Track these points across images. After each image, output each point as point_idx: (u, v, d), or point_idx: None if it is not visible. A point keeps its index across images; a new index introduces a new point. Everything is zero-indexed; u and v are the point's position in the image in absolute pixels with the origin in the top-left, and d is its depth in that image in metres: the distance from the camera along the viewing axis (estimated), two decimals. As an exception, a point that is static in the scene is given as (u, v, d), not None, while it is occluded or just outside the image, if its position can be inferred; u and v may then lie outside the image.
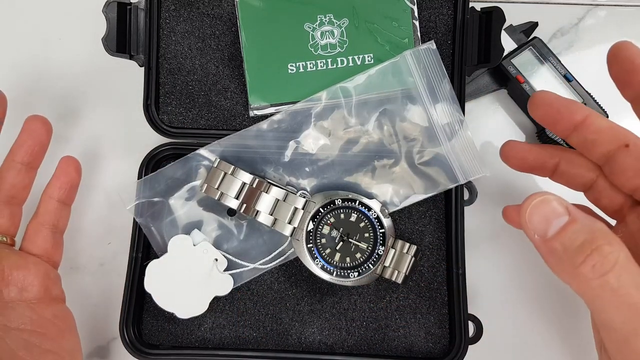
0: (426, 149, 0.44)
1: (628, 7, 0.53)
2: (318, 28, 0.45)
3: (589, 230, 0.29)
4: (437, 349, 0.45)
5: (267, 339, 0.45)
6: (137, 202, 0.44)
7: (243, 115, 0.46)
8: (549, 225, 0.30)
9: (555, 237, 0.30)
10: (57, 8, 0.52)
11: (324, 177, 0.45)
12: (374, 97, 0.44)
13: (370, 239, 0.42)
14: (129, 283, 0.44)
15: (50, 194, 0.43)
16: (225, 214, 0.45)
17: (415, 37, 0.45)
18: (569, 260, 0.29)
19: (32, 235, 0.42)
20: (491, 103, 0.51)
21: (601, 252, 0.28)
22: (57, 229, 0.43)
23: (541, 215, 0.30)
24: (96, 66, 0.51)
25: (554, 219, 0.30)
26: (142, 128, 0.45)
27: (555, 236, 0.30)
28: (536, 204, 0.30)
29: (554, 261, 0.30)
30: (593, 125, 0.37)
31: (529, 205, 0.30)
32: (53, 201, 0.42)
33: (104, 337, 0.47)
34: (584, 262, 0.28)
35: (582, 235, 0.29)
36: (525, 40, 0.50)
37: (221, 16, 0.46)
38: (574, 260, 0.29)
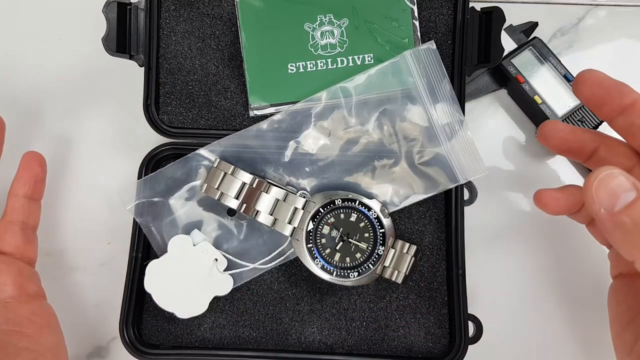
0: (426, 149, 0.44)
1: (628, 7, 0.53)
2: (318, 28, 0.45)
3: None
4: (437, 349, 0.45)
5: (267, 338, 0.45)
6: (137, 202, 0.44)
7: (243, 115, 0.46)
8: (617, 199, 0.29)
9: (623, 211, 0.29)
10: (57, 8, 0.52)
11: (324, 177, 0.45)
12: (374, 97, 0.44)
13: (370, 239, 0.42)
14: (129, 283, 0.44)
15: (16, 191, 0.42)
16: (225, 214, 0.45)
17: (415, 37, 0.45)
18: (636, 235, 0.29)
19: (1, 234, 0.41)
20: (491, 103, 0.51)
21: None
22: (27, 226, 0.42)
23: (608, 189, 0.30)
24: (96, 66, 0.51)
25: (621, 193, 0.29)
26: (142, 128, 0.45)
27: (624, 210, 0.29)
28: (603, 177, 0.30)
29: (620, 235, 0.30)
30: None
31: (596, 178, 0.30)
32: (19, 198, 0.42)
33: (104, 337, 0.47)
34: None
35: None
36: (525, 40, 0.50)
37: (221, 16, 0.46)
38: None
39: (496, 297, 0.47)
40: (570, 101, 0.49)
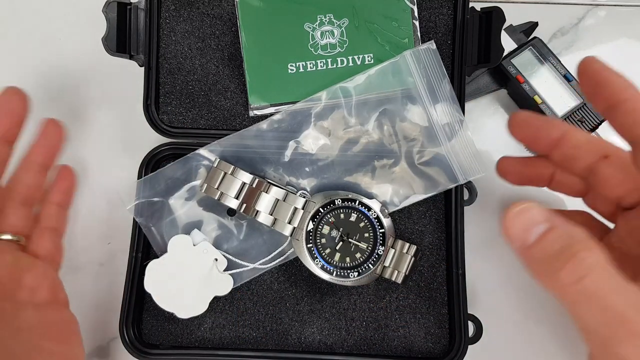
0: (426, 149, 0.44)
1: (628, 7, 0.53)
2: (318, 28, 0.45)
3: (567, 236, 0.30)
4: (436, 349, 0.45)
5: (267, 338, 0.45)
6: (137, 202, 0.44)
7: (243, 115, 0.46)
8: (529, 234, 0.30)
9: (534, 245, 0.30)
10: (57, 8, 0.52)
11: (324, 177, 0.45)
12: (374, 97, 0.44)
13: (370, 239, 0.42)
14: (128, 283, 0.44)
15: (51, 198, 0.43)
16: (225, 213, 0.45)
17: (415, 37, 0.45)
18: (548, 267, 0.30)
19: (36, 238, 0.42)
20: (491, 103, 0.51)
21: (578, 257, 0.29)
22: (58, 233, 0.43)
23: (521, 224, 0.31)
24: (96, 66, 0.51)
25: (533, 227, 0.30)
26: (142, 128, 0.45)
27: (535, 244, 0.30)
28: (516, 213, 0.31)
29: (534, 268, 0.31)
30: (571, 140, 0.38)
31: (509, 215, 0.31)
32: (54, 206, 0.43)
33: (104, 337, 0.47)
34: (562, 268, 0.29)
35: (560, 241, 0.29)
36: (525, 40, 0.50)
37: (221, 16, 0.46)
38: (553, 266, 0.29)
39: (496, 297, 0.47)
40: (570, 101, 0.49)
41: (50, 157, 0.42)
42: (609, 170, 0.37)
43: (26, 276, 0.39)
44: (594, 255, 0.29)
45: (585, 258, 0.28)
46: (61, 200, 0.44)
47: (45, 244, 0.42)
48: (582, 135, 0.38)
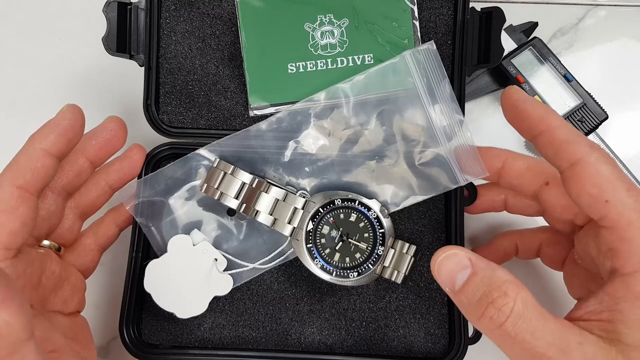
0: (426, 149, 0.44)
1: (628, 7, 0.53)
2: (318, 28, 0.45)
3: (488, 282, 0.31)
4: (436, 349, 0.45)
5: (267, 338, 0.45)
6: (137, 201, 0.44)
7: (243, 115, 0.46)
8: (455, 279, 0.32)
9: (460, 291, 0.32)
10: (57, 8, 0.52)
11: (324, 177, 0.45)
12: (374, 97, 0.44)
13: (369, 239, 0.42)
14: (128, 283, 0.44)
15: (117, 221, 0.44)
16: (224, 213, 0.45)
17: (415, 38, 0.45)
18: (472, 312, 0.31)
19: (83, 251, 0.42)
20: (491, 103, 0.52)
21: (496, 304, 0.30)
22: (103, 250, 0.44)
23: (447, 270, 0.32)
24: (96, 66, 0.51)
25: (458, 273, 0.32)
26: (142, 128, 0.45)
27: (461, 290, 0.32)
28: (442, 260, 0.32)
29: (463, 312, 0.33)
30: (512, 169, 0.40)
31: (437, 261, 0.32)
32: (116, 228, 0.44)
33: (104, 337, 0.47)
34: (483, 315, 0.30)
35: (481, 288, 0.31)
36: (525, 40, 0.50)
37: (221, 16, 0.46)
38: (476, 312, 0.31)
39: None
40: (570, 101, 0.49)
41: (123, 181, 0.43)
42: (551, 196, 0.39)
43: (65, 287, 0.39)
44: (510, 300, 0.30)
45: (503, 305, 0.30)
46: (122, 224, 0.44)
47: (88, 260, 0.42)
48: (522, 162, 0.40)
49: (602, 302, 0.31)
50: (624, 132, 0.52)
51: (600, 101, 0.49)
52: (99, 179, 0.42)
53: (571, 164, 0.32)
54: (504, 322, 0.30)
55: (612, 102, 0.49)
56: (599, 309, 0.31)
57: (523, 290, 0.30)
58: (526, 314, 0.30)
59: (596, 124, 0.48)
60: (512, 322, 0.29)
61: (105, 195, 0.43)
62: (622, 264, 0.31)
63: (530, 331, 0.29)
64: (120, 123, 0.41)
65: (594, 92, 0.49)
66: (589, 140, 0.32)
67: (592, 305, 0.32)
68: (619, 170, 0.32)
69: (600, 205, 0.31)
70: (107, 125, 0.41)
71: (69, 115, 0.35)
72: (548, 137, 0.33)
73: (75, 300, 0.40)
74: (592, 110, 0.49)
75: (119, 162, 0.43)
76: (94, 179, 0.42)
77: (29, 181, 0.33)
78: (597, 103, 0.49)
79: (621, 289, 0.30)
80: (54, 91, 0.51)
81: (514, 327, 0.29)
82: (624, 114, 0.52)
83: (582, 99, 0.49)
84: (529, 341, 0.29)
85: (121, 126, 0.41)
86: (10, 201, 0.32)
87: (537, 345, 0.29)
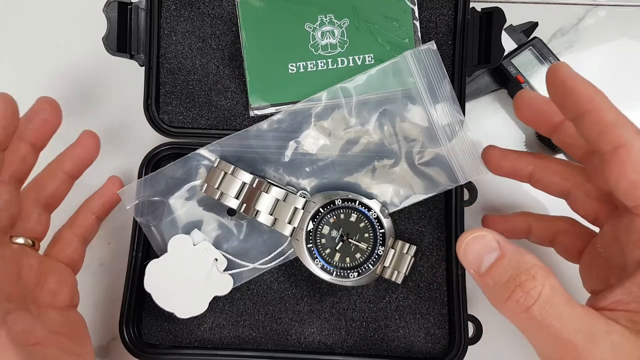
0: (426, 149, 0.44)
1: (628, 7, 0.53)
2: (318, 28, 0.45)
3: (516, 265, 0.30)
4: (436, 349, 0.45)
5: (267, 338, 0.45)
6: (137, 201, 0.44)
7: (243, 115, 0.46)
8: (482, 261, 0.31)
9: (487, 273, 0.31)
10: (57, 8, 0.52)
11: (324, 177, 0.45)
12: (374, 98, 0.44)
13: (370, 239, 0.42)
14: (128, 283, 0.44)
15: (92, 209, 0.44)
16: (225, 213, 0.45)
17: (415, 38, 0.45)
18: (499, 295, 0.31)
19: (64, 244, 0.42)
20: (491, 103, 0.52)
21: (524, 287, 0.30)
22: (86, 242, 0.44)
23: (474, 251, 0.32)
24: (96, 66, 0.51)
25: (485, 255, 0.31)
26: (142, 128, 0.45)
27: (487, 272, 0.31)
28: (469, 241, 0.32)
29: (488, 295, 0.32)
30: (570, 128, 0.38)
31: (463, 242, 0.32)
32: (92, 216, 0.43)
33: (104, 337, 0.47)
34: (509, 298, 0.30)
35: (509, 270, 0.30)
36: (525, 40, 0.50)
37: (222, 16, 0.46)
38: (502, 295, 0.30)
39: (496, 298, 0.47)
40: (571, 101, 0.49)
41: (80, 168, 0.43)
42: None
43: (49, 280, 0.39)
44: (539, 284, 0.29)
45: (531, 288, 0.29)
46: (100, 212, 0.44)
47: (70, 252, 0.42)
48: None
49: (630, 292, 0.31)
50: (624, 132, 0.52)
51: (601, 101, 0.49)
52: (54, 168, 0.42)
53: (615, 147, 0.31)
54: (531, 305, 0.29)
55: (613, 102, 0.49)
56: (626, 300, 0.31)
57: (551, 276, 0.30)
58: (554, 299, 0.29)
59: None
60: (539, 307, 0.29)
61: (65, 184, 0.42)
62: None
63: (558, 316, 0.29)
64: (51, 102, 0.40)
65: (594, 92, 0.49)
66: (635, 126, 0.32)
67: (619, 295, 0.31)
68: None
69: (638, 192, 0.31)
70: (39, 106, 0.40)
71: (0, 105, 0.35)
72: (595, 116, 0.32)
73: (64, 293, 0.40)
74: (592, 110, 0.48)
75: (71, 149, 0.43)
76: (50, 168, 0.42)
77: None
78: (597, 103, 0.49)
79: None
80: (54, 91, 0.51)
81: (541, 311, 0.29)
82: (624, 113, 0.52)
83: (582, 99, 0.48)
84: (555, 327, 0.29)
85: (53, 105, 0.40)
86: None
87: (564, 331, 0.29)
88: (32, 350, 0.34)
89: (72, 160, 0.42)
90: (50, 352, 0.35)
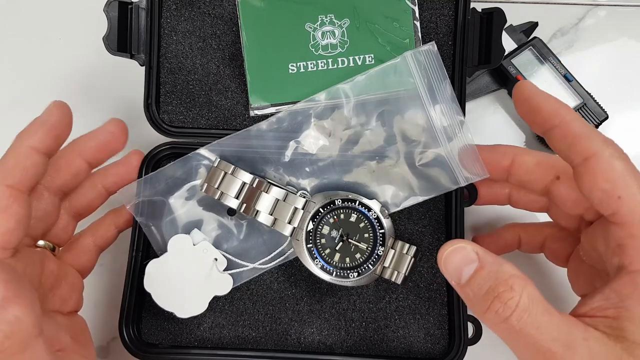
0: (426, 150, 0.44)
1: (628, 7, 0.53)
2: (319, 28, 0.45)
3: (494, 276, 0.31)
4: (436, 349, 0.45)
5: (267, 338, 0.45)
6: (137, 201, 0.44)
7: (243, 115, 0.46)
8: (462, 273, 0.32)
9: (467, 284, 0.32)
10: (57, 8, 0.52)
11: (324, 177, 0.45)
12: (375, 98, 0.44)
13: (370, 240, 0.42)
14: (128, 282, 0.44)
15: (117, 223, 0.44)
16: (225, 213, 0.45)
17: (416, 38, 0.45)
18: (478, 306, 0.31)
19: (81, 251, 0.42)
20: (491, 103, 0.52)
21: (501, 298, 0.30)
22: (101, 251, 0.44)
23: (454, 263, 0.32)
24: (97, 65, 0.51)
25: (465, 266, 0.32)
26: (142, 127, 0.45)
27: (467, 283, 0.32)
28: (449, 253, 0.32)
29: (469, 305, 0.33)
30: (521, 166, 0.39)
31: (444, 254, 0.32)
32: (114, 230, 0.44)
33: (103, 337, 0.47)
34: (489, 309, 0.30)
35: (488, 282, 0.31)
36: (525, 40, 0.50)
37: (222, 16, 0.46)
38: (481, 306, 0.31)
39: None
40: (570, 101, 0.49)
41: (119, 185, 0.43)
42: (562, 190, 0.38)
43: (63, 286, 0.39)
44: (517, 294, 0.30)
45: (508, 299, 0.30)
46: (121, 226, 0.44)
47: (85, 259, 0.42)
48: (531, 158, 0.39)
49: (608, 298, 0.31)
50: (624, 132, 0.52)
51: (600, 101, 0.49)
52: (95, 181, 0.42)
53: (585, 158, 0.32)
54: (509, 316, 0.30)
55: (612, 102, 0.49)
56: (604, 306, 0.31)
57: (529, 285, 0.30)
58: (532, 309, 0.30)
59: (596, 124, 0.48)
60: (517, 317, 0.30)
61: (101, 198, 0.43)
62: (630, 260, 0.31)
63: (536, 326, 0.29)
64: (121, 126, 0.41)
65: (594, 92, 0.49)
66: (603, 135, 0.32)
67: (598, 301, 0.31)
68: (632, 166, 0.31)
69: (612, 201, 0.31)
70: (107, 128, 0.41)
71: (56, 112, 0.36)
72: (562, 130, 0.33)
73: (73, 299, 0.40)
74: (592, 110, 0.49)
75: (117, 166, 0.43)
76: (91, 181, 0.42)
77: (19, 180, 0.33)
78: (597, 103, 0.49)
79: (628, 285, 0.30)
80: (54, 91, 0.51)
81: (519, 321, 0.29)
82: (624, 113, 0.52)
83: (582, 98, 0.49)
84: (533, 335, 0.29)
85: (122, 129, 0.41)
86: (2, 200, 0.32)
87: (542, 339, 0.29)
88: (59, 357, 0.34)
89: (114, 177, 0.43)
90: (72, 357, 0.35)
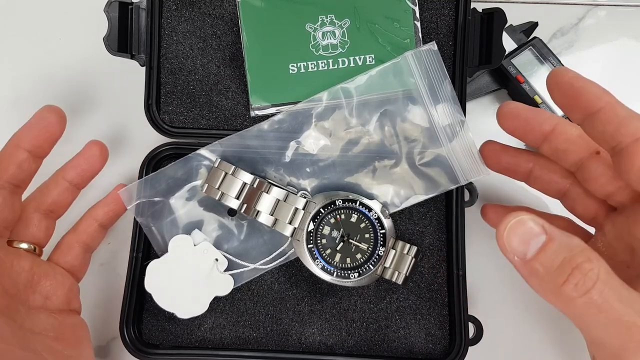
0: (427, 149, 0.44)
1: (628, 7, 0.53)
2: (319, 28, 0.45)
3: (568, 248, 0.29)
4: (437, 350, 0.45)
5: (267, 339, 0.45)
6: (137, 201, 0.44)
7: (244, 116, 0.46)
8: (528, 246, 0.29)
9: (535, 258, 0.29)
10: (57, 8, 0.52)
11: (325, 177, 0.45)
12: (375, 98, 0.44)
13: (370, 240, 0.42)
14: (129, 283, 0.44)
15: (95, 216, 0.44)
16: (225, 214, 0.45)
17: (416, 38, 0.45)
18: (551, 281, 0.29)
19: (65, 249, 0.43)
20: (491, 103, 0.52)
21: (582, 269, 0.28)
22: (89, 249, 0.44)
23: (519, 237, 0.30)
24: (97, 66, 0.51)
25: (531, 240, 0.29)
26: (143, 128, 0.45)
27: (535, 257, 0.29)
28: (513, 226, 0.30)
29: (536, 282, 0.30)
30: (563, 134, 0.38)
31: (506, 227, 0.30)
32: (95, 223, 0.44)
33: (104, 337, 0.47)
34: (566, 282, 0.28)
35: (561, 254, 0.29)
36: (525, 40, 0.50)
37: (222, 16, 0.46)
38: (556, 280, 0.29)
39: (496, 298, 0.47)
40: (571, 102, 0.49)
41: (84, 178, 0.43)
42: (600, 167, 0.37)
43: (43, 283, 0.39)
44: (596, 266, 0.28)
45: (589, 270, 0.28)
46: (104, 221, 0.44)
47: (70, 258, 0.42)
48: (574, 129, 0.38)
49: None
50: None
51: (601, 102, 0.49)
52: (57, 176, 0.42)
53: (636, 138, 0.31)
54: (590, 288, 0.28)
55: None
56: None
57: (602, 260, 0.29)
58: (612, 282, 0.28)
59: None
60: (599, 289, 0.28)
61: (68, 193, 0.42)
62: None
63: (618, 299, 0.28)
64: (55, 111, 0.40)
65: (594, 92, 0.49)
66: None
67: None
68: None
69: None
70: (41, 115, 0.40)
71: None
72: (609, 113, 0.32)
73: (59, 296, 0.40)
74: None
75: (74, 159, 0.43)
76: (53, 177, 0.42)
77: None
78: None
79: None
80: (54, 91, 0.51)
81: (601, 294, 0.28)
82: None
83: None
84: (617, 309, 0.28)
85: (56, 113, 0.40)
86: None
87: (625, 313, 0.28)
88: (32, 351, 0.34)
89: (75, 170, 0.43)
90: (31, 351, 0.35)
